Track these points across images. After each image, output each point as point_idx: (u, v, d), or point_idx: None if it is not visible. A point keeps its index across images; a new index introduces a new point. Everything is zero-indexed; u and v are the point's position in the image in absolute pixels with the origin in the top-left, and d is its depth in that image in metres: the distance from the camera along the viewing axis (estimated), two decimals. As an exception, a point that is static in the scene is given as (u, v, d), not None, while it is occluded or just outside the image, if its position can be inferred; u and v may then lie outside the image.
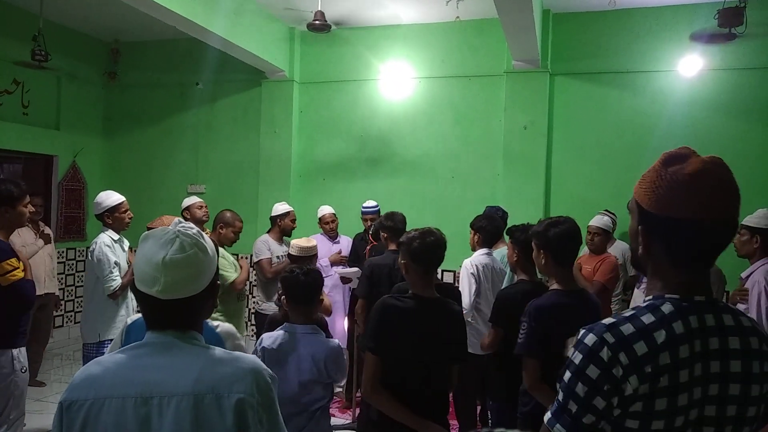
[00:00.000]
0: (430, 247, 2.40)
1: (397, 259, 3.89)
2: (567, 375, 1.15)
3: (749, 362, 1.16)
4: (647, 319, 1.13)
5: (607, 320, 1.15)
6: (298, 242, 4.22)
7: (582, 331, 1.17)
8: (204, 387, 1.27)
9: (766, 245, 3.30)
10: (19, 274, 3.11)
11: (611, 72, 5.77)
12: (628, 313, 1.16)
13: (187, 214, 4.92)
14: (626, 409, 1.11)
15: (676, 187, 1.14)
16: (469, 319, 3.79)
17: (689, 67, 5.49)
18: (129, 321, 2.03)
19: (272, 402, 1.32)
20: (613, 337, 1.11)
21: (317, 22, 5.44)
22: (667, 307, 1.14)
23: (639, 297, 3.95)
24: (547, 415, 1.19)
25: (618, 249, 4.89)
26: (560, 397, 1.15)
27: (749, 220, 3.40)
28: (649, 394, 1.09)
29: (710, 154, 1.19)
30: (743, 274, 3.36)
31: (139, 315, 2.02)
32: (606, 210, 5.03)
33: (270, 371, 1.36)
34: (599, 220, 4.54)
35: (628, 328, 1.12)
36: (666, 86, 5.61)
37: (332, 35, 6.18)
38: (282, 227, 5.07)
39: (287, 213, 5.12)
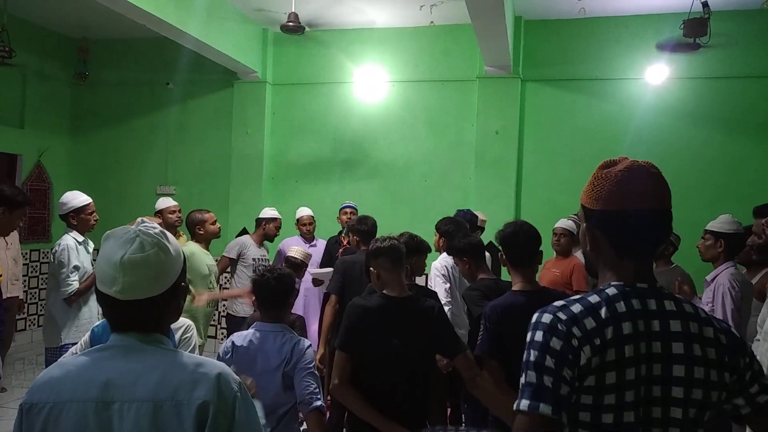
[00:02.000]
0: (387, 241, 2.51)
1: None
2: (533, 354, 1.19)
3: (690, 345, 1.23)
4: (593, 299, 1.24)
5: (558, 303, 1.25)
6: (301, 249, 4.24)
7: (536, 314, 1.25)
8: (164, 393, 1.23)
9: (730, 249, 3.38)
10: None
11: (581, 79, 5.87)
12: (576, 297, 1.27)
13: (159, 217, 4.84)
14: (582, 383, 1.18)
15: (609, 183, 1.27)
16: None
17: (656, 75, 5.62)
18: (95, 324, 2.00)
19: (235, 410, 1.26)
20: (564, 315, 1.21)
21: (291, 23, 5.41)
22: (611, 290, 1.26)
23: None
24: (524, 402, 1.16)
25: None
26: (532, 378, 1.17)
27: (713, 225, 3.49)
28: (599, 366, 1.18)
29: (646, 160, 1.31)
30: (708, 278, 3.44)
31: (99, 320, 1.99)
32: (576, 214, 5.10)
33: (237, 377, 1.32)
34: (564, 222, 4.63)
35: (577, 307, 1.23)
36: (633, 93, 5.74)
37: (306, 37, 6.16)
38: (266, 231, 5.10)
39: (274, 219, 5.16)
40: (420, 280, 5.90)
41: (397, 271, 2.47)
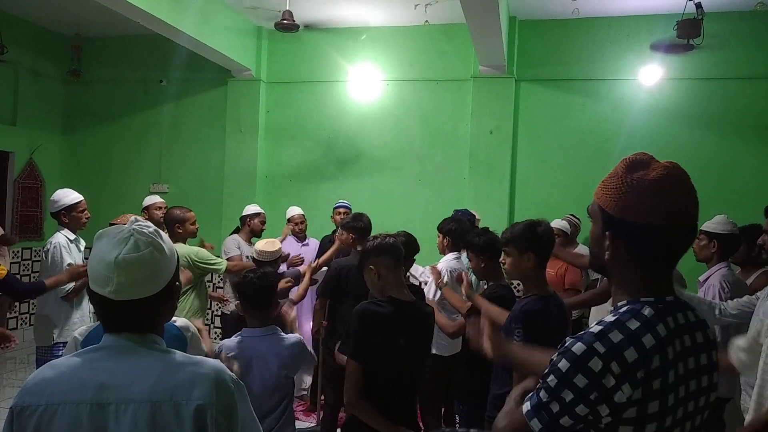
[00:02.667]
0: (385, 239, 2.43)
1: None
2: (552, 379, 1.15)
3: (710, 353, 1.23)
4: (632, 324, 1.14)
5: (595, 328, 1.15)
6: (260, 246, 4.16)
7: (569, 340, 1.16)
8: (161, 394, 1.21)
9: (724, 250, 3.39)
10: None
11: (575, 79, 5.88)
12: (611, 319, 1.17)
13: (146, 214, 4.81)
14: (620, 416, 1.12)
15: (642, 193, 1.16)
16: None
17: (649, 76, 5.64)
18: (82, 332, 1.98)
19: (233, 409, 1.26)
20: (603, 347, 1.11)
21: (285, 21, 5.40)
22: (647, 311, 1.16)
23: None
24: (526, 406, 1.19)
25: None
26: (542, 394, 1.16)
27: (708, 225, 3.49)
28: (642, 398, 1.11)
29: (667, 160, 1.22)
30: (701, 278, 3.46)
31: (92, 326, 1.97)
32: (571, 214, 5.12)
33: (233, 376, 1.31)
34: (558, 223, 4.65)
35: (616, 336, 1.12)
36: (627, 94, 5.75)
37: (300, 35, 6.15)
38: (251, 227, 5.04)
39: (257, 214, 5.09)
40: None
41: (398, 270, 2.39)
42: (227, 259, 4.69)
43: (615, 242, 1.21)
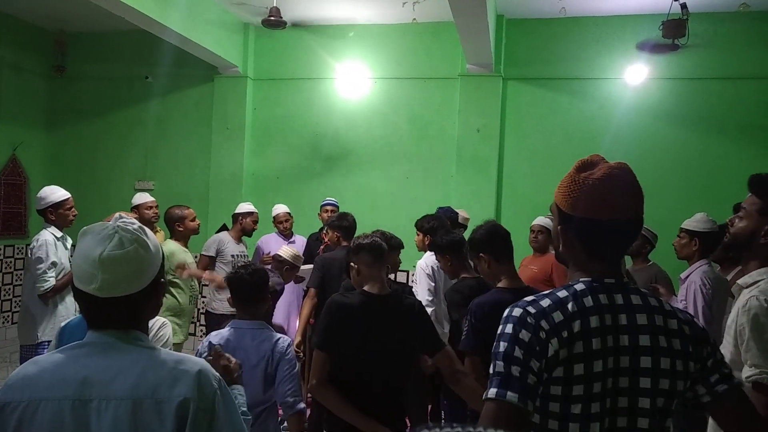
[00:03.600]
0: (367, 238, 2.52)
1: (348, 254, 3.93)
2: (503, 345, 1.24)
3: (656, 337, 1.27)
4: (561, 294, 1.29)
5: (528, 297, 1.30)
6: (291, 250, 4.24)
7: (507, 309, 1.29)
8: (143, 391, 1.22)
9: (705, 247, 3.44)
10: None
11: (561, 78, 5.92)
12: (546, 292, 1.32)
13: (136, 213, 4.78)
14: (550, 374, 1.22)
15: (587, 191, 1.29)
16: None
17: (635, 75, 5.69)
18: (63, 323, 1.98)
19: (215, 407, 1.26)
20: (534, 309, 1.26)
21: (272, 18, 5.38)
22: (579, 286, 1.30)
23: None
24: (492, 391, 1.20)
25: None
26: (500, 368, 1.22)
27: (688, 223, 3.54)
28: (567, 358, 1.22)
29: (618, 161, 1.34)
30: (682, 275, 3.50)
31: (74, 317, 1.97)
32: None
33: (217, 374, 1.31)
34: (541, 220, 4.67)
35: (545, 302, 1.27)
36: (613, 93, 5.80)
37: (287, 32, 6.12)
38: (243, 226, 5.04)
39: (250, 213, 5.09)
40: (405, 278, 5.92)
41: (378, 267, 2.46)
42: (197, 257, 4.71)
43: (566, 235, 1.35)
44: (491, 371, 1.24)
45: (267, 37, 6.38)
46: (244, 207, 5.12)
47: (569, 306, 1.26)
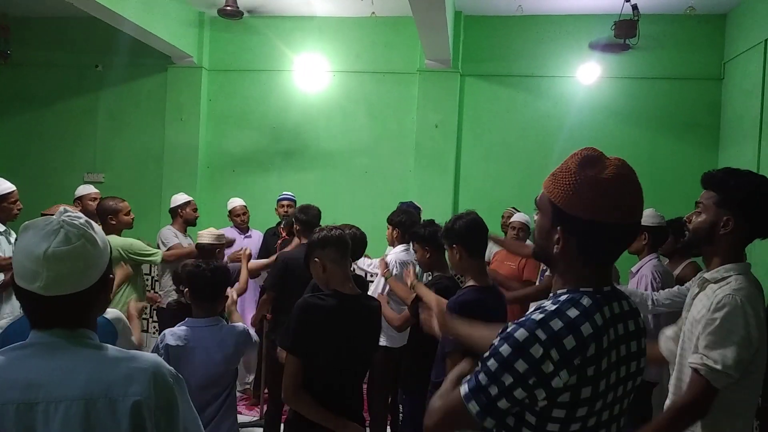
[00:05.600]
0: (332, 230, 2.37)
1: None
2: (492, 363, 1.17)
3: (639, 340, 1.29)
4: (572, 313, 1.18)
5: (536, 315, 1.18)
6: (211, 231, 4.08)
7: (512, 325, 1.19)
8: (96, 390, 1.17)
9: (654, 242, 3.56)
10: None
11: (517, 75, 6.01)
12: (551, 308, 1.20)
13: (79, 204, 4.60)
14: (554, 400, 1.16)
15: (595, 192, 1.20)
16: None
17: (588, 73, 5.83)
18: (2, 325, 1.89)
19: (172, 404, 1.23)
20: (544, 334, 1.15)
21: (229, 8, 5.28)
22: (585, 301, 1.20)
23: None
24: (464, 389, 1.21)
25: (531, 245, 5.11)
26: (482, 377, 1.18)
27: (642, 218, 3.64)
28: (576, 384, 1.16)
29: (615, 156, 1.27)
30: (633, 269, 3.61)
31: (13, 319, 1.89)
32: (513, 207, 5.24)
33: (172, 370, 1.28)
34: (521, 217, 4.70)
35: (556, 323, 1.16)
36: (567, 91, 5.92)
37: (244, 22, 6.02)
38: (184, 217, 4.82)
39: (188, 202, 4.85)
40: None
41: (344, 263, 2.36)
42: (167, 249, 4.55)
43: (564, 237, 1.24)
44: (476, 369, 1.21)
45: (223, 27, 6.25)
46: (179, 198, 4.88)
47: (583, 329, 1.16)
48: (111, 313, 1.90)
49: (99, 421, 1.16)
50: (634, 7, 5.04)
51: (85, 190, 4.69)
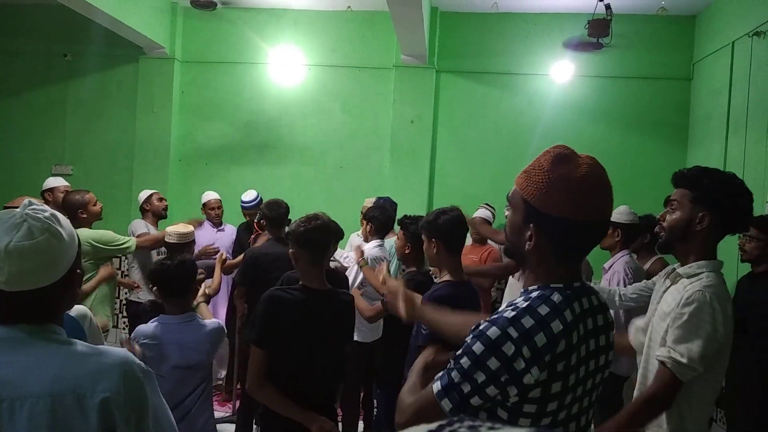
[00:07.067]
0: (315, 230, 2.32)
1: (277, 246, 3.84)
2: (465, 360, 1.19)
3: (607, 334, 1.32)
4: (543, 310, 1.20)
5: (508, 313, 1.20)
6: (175, 229, 4.03)
7: (484, 323, 1.21)
8: (63, 386, 1.14)
9: (626, 238, 3.62)
10: None
11: (492, 72, 6.04)
12: (523, 305, 1.22)
13: (50, 196, 4.49)
14: (525, 396, 1.19)
15: (568, 190, 1.22)
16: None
17: (561, 72, 5.89)
18: None
19: (142, 400, 1.21)
20: (516, 332, 1.17)
21: (202, -1, 5.19)
22: (556, 297, 1.23)
23: (514, 285, 4.19)
24: (436, 386, 1.23)
25: None
26: (454, 375, 1.20)
27: (611, 215, 3.71)
28: (547, 380, 1.18)
29: (586, 154, 1.29)
30: (605, 265, 3.67)
31: None
32: (487, 203, 5.28)
33: (142, 365, 1.25)
34: (483, 213, 4.79)
35: (528, 321, 1.18)
36: (541, 89, 5.98)
37: (218, 13, 5.94)
38: (152, 210, 4.76)
39: (150, 195, 4.80)
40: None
41: (318, 263, 2.37)
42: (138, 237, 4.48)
43: (537, 234, 1.25)
44: (449, 366, 1.23)
45: (196, 17, 6.16)
46: (142, 195, 4.86)
47: (554, 326, 1.18)
48: (76, 309, 1.86)
49: (66, 418, 1.13)
50: (608, 7, 5.11)
51: (56, 182, 4.57)
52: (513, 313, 1.19)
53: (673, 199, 1.98)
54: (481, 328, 1.20)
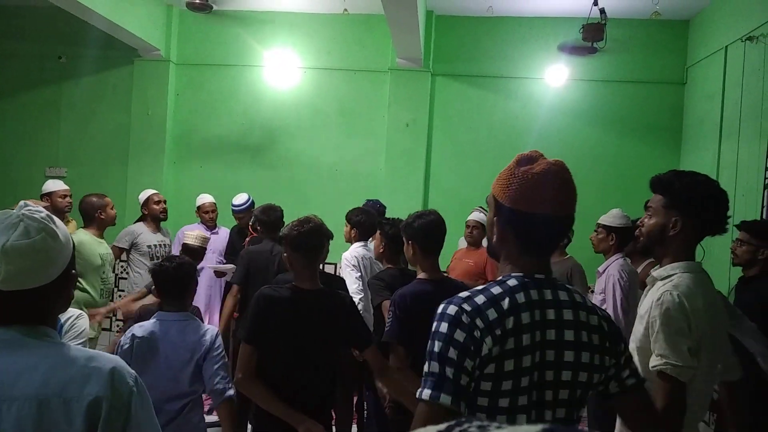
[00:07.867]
0: (307, 233, 2.35)
1: (274, 246, 3.86)
2: (437, 345, 1.25)
3: (579, 332, 1.33)
4: (495, 290, 1.31)
5: (463, 294, 1.31)
6: (199, 233, 4.08)
7: (442, 305, 1.30)
8: (50, 390, 1.14)
9: (620, 242, 3.63)
10: None
11: (487, 76, 6.06)
12: (480, 287, 1.33)
13: (47, 200, 4.48)
14: (482, 371, 1.25)
15: (524, 184, 1.32)
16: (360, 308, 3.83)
17: (556, 75, 5.91)
18: None
19: (130, 405, 1.20)
20: (469, 306, 1.27)
21: (197, 1, 5.21)
22: (512, 282, 1.33)
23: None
24: (426, 392, 1.23)
25: None
26: (435, 368, 1.23)
27: (605, 219, 3.72)
28: (499, 355, 1.25)
29: (556, 158, 1.37)
30: (600, 269, 3.69)
31: None
32: (481, 207, 5.28)
33: (132, 372, 1.25)
34: (477, 216, 4.79)
35: (480, 299, 1.29)
36: (535, 92, 6.00)
37: (213, 16, 5.94)
38: (150, 213, 4.78)
39: (148, 198, 4.82)
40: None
41: (312, 267, 2.41)
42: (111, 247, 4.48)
43: (501, 226, 1.37)
44: (425, 370, 1.25)
45: (192, 20, 6.16)
46: (143, 195, 4.89)
47: (503, 303, 1.28)
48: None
49: (51, 421, 1.13)
50: (602, 11, 5.13)
51: (55, 186, 4.56)
52: (467, 293, 1.31)
53: (649, 204, 2.01)
54: (440, 310, 1.29)
